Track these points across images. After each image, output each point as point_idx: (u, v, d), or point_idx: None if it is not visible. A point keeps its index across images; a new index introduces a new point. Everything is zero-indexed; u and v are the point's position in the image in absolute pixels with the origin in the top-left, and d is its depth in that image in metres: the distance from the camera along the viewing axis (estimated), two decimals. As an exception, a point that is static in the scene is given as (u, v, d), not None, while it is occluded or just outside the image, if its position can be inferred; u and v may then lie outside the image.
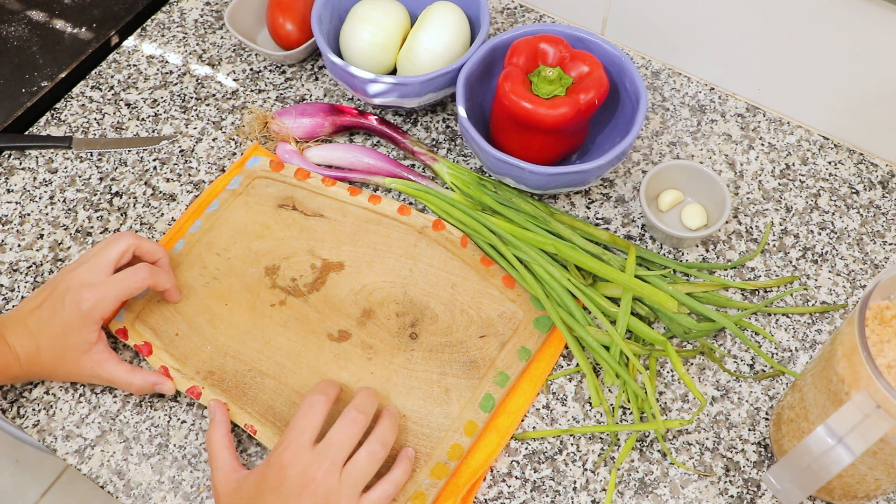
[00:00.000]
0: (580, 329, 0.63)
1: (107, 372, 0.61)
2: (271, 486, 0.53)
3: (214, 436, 0.58)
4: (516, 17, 0.85)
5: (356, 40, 0.73)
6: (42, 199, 0.74)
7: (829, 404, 0.49)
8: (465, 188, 0.71)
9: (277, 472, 0.53)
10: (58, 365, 0.60)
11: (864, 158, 0.75)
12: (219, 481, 0.56)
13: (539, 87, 0.65)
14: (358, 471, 0.53)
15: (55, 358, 0.60)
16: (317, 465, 0.52)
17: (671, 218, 0.71)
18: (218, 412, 0.60)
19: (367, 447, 0.54)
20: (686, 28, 0.76)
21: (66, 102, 0.80)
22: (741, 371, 0.64)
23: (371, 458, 0.54)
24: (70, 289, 0.59)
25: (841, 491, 0.55)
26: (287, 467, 0.53)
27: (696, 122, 0.77)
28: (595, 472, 0.60)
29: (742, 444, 0.61)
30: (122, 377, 0.61)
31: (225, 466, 0.56)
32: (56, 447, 0.62)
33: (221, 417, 0.59)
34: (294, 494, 0.52)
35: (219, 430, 0.58)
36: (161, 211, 0.73)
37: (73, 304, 0.59)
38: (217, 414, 0.59)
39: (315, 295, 0.66)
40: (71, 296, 0.59)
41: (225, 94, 0.80)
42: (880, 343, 0.48)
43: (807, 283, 0.68)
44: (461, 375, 0.62)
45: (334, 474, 0.53)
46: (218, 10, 0.87)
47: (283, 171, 0.73)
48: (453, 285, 0.66)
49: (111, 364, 0.61)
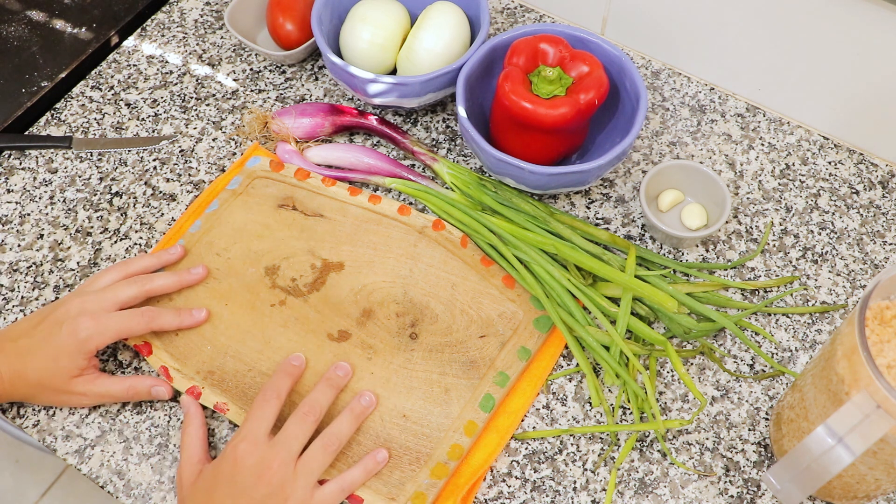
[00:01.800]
0: (580, 329, 0.63)
1: (101, 387, 0.61)
2: (226, 476, 0.54)
3: (189, 426, 0.59)
4: (516, 17, 0.85)
5: (356, 40, 0.73)
6: (42, 199, 0.74)
7: (829, 404, 0.49)
8: (465, 188, 0.71)
9: (232, 464, 0.54)
10: (44, 387, 0.60)
11: (864, 158, 0.75)
12: (183, 471, 0.57)
13: (539, 87, 0.65)
14: (312, 463, 0.55)
15: (43, 381, 0.60)
16: (271, 456, 0.54)
17: (671, 218, 0.71)
18: (192, 405, 0.61)
19: (320, 440, 0.56)
20: (686, 28, 0.76)
21: (66, 102, 0.80)
22: (741, 371, 0.64)
23: (325, 451, 0.56)
24: (70, 315, 0.59)
25: (841, 491, 0.55)
26: (242, 458, 0.54)
27: (696, 122, 0.77)
28: (595, 472, 0.60)
29: (742, 444, 0.61)
30: (119, 389, 0.61)
31: (192, 456, 0.58)
32: (56, 447, 0.62)
33: (195, 410, 0.61)
34: (249, 485, 0.53)
35: (194, 421, 0.60)
36: (161, 211, 0.73)
37: (70, 330, 0.59)
38: (192, 407, 0.61)
39: (315, 295, 0.66)
40: (69, 323, 0.59)
41: (225, 94, 0.80)
42: (880, 343, 0.48)
43: (807, 283, 0.68)
44: (461, 375, 0.62)
45: (289, 465, 0.54)
46: (218, 10, 0.87)
47: (283, 171, 0.73)
48: (453, 285, 0.66)
49: (103, 380, 0.61)
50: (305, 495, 0.54)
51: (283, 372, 0.60)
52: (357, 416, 0.59)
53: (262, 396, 0.57)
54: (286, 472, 0.54)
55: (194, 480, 0.56)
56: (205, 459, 0.58)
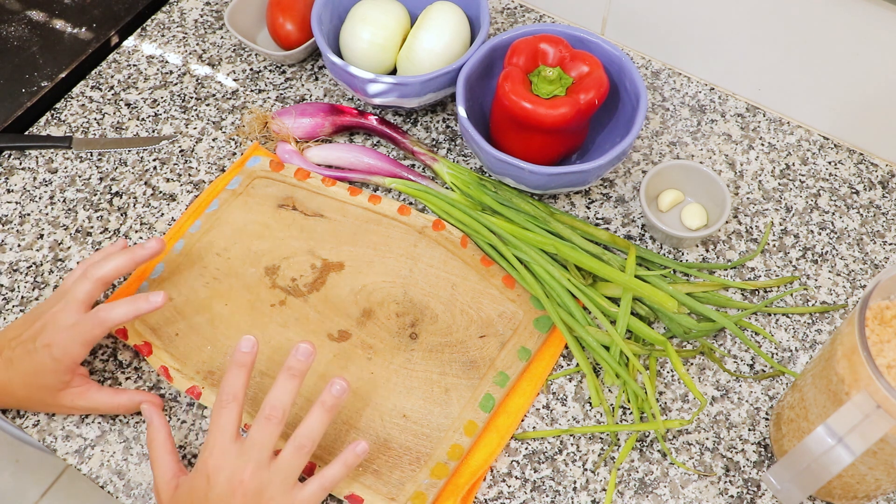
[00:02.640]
0: (580, 329, 0.63)
1: (89, 401, 0.59)
2: (201, 493, 0.52)
3: (155, 440, 0.56)
4: (516, 17, 0.85)
5: (356, 40, 0.73)
6: (42, 199, 0.74)
7: (829, 404, 0.49)
8: (465, 188, 0.71)
9: (205, 480, 0.52)
10: (32, 398, 0.59)
11: (864, 158, 0.75)
12: (160, 486, 0.55)
13: (539, 87, 0.65)
14: (286, 465, 0.53)
15: (30, 395, 0.59)
16: (242, 467, 0.52)
17: (671, 218, 0.71)
18: (155, 416, 0.58)
19: (292, 442, 0.53)
20: (686, 28, 0.76)
21: (66, 102, 0.80)
22: (741, 371, 0.64)
23: (298, 452, 0.53)
24: (46, 328, 0.58)
25: (841, 491, 0.55)
26: (214, 473, 0.52)
27: (696, 122, 0.77)
28: (595, 472, 0.60)
29: (742, 444, 0.61)
30: (108, 402, 0.60)
31: (166, 472, 0.55)
32: (56, 447, 0.62)
33: (159, 421, 0.57)
34: (225, 499, 0.51)
35: (159, 434, 0.57)
36: (161, 211, 0.73)
37: (44, 347, 0.57)
38: (154, 418, 0.58)
39: (315, 295, 0.66)
40: (42, 338, 0.57)
41: (225, 94, 0.80)
42: (880, 343, 0.48)
43: (807, 283, 0.68)
44: (461, 375, 0.62)
45: (262, 472, 0.52)
46: (218, 10, 0.87)
47: (283, 171, 0.73)
48: (453, 285, 0.66)
49: (92, 392, 0.60)
50: (285, 498, 0.52)
51: (234, 366, 0.54)
52: (329, 410, 0.54)
53: (217, 402, 0.54)
54: (260, 479, 0.52)
55: (172, 496, 0.54)
56: (178, 471, 0.55)
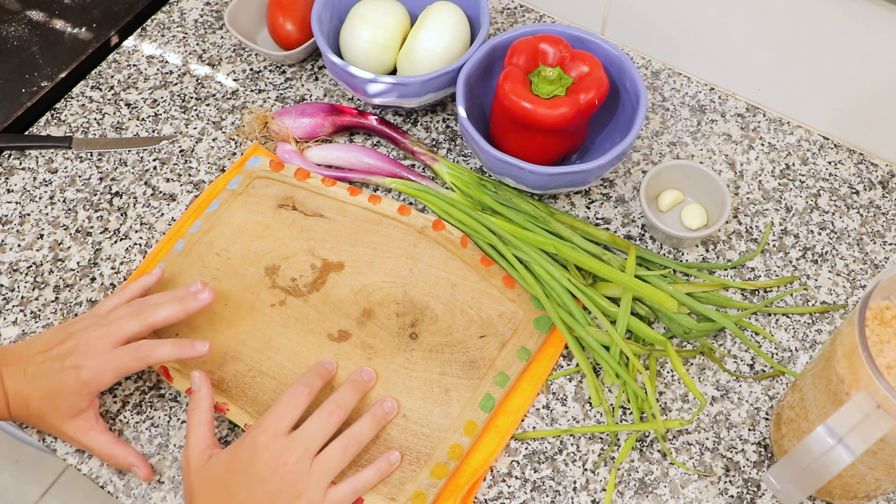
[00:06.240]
0: (580, 329, 0.63)
1: (90, 440, 0.59)
2: (242, 465, 0.53)
3: (198, 409, 0.57)
4: (516, 17, 0.85)
5: (356, 40, 0.73)
6: (42, 199, 0.74)
7: (829, 404, 0.49)
8: (465, 188, 0.71)
9: (250, 454, 0.53)
10: (42, 420, 0.59)
11: (864, 158, 0.75)
12: (192, 454, 0.55)
13: (539, 87, 0.65)
14: (328, 462, 0.54)
15: (42, 413, 0.58)
16: (289, 451, 0.53)
17: (671, 218, 0.71)
18: (203, 386, 0.58)
19: (340, 441, 0.55)
20: (686, 28, 0.76)
21: (66, 102, 0.80)
22: (741, 371, 0.64)
23: (343, 452, 0.55)
24: (77, 350, 0.57)
25: (841, 491, 0.55)
26: (260, 450, 0.53)
27: (696, 122, 0.77)
28: (595, 472, 0.60)
29: (742, 444, 0.61)
30: (104, 449, 0.59)
31: (202, 441, 0.56)
32: (56, 447, 0.62)
33: (206, 391, 0.58)
34: (264, 477, 0.53)
35: (203, 404, 0.57)
36: (161, 211, 0.73)
37: (72, 368, 0.57)
38: (203, 387, 0.58)
39: (315, 295, 0.66)
40: (73, 359, 0.57)
41: (225, 94, 0.80)
42: (880, 343, 0.48)
43: (807, 283, 0.68)
44: (461, 375, 0.62)
45: (305, 462, 0.53)
46: (218, 10, 0.87)
47: (283, 171, 0.73)
48: (453, 285, 0.66)
49: (95, 433, 0.59)
50: (318, 494, 0.53)
51: (315, 372, 0.59)
52: (378, 421, 0.58)
53: (292, 390, 0.56)
54: (302, 468, 0.53)
55: (203, 465, 0.55)
56: (213, 445, 0.56)
